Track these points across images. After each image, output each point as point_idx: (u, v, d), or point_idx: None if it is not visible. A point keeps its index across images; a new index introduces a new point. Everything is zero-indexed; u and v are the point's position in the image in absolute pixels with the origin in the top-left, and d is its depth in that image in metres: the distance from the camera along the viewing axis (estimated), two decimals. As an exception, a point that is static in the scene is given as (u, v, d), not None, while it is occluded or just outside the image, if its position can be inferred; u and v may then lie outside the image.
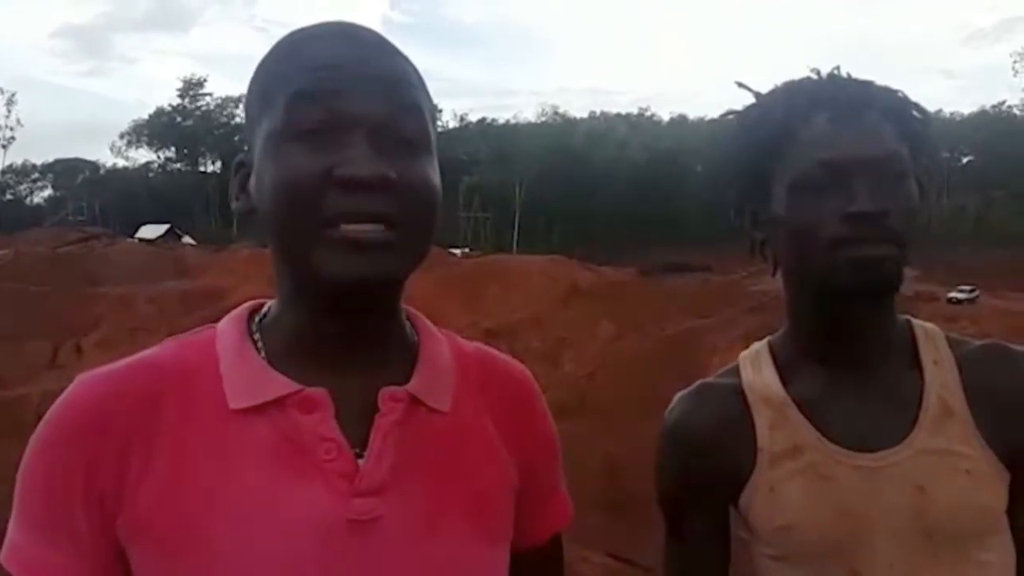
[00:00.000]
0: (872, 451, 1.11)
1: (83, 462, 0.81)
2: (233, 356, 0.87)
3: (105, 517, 0.81)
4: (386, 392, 0.87)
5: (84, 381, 0.85)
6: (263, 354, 0.88)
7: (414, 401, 0.88)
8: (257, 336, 0.90)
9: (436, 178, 0.86)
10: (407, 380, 0.89)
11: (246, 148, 0.90)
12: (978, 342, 1.18)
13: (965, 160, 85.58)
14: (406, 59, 0.89)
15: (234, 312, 0.93)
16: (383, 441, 0.85)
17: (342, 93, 0.81)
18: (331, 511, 0.81)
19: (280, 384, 0.84)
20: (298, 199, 0.80)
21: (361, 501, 0.82)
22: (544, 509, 1.02)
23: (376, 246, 0.80)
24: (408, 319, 0.97)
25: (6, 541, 0.84)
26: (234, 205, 0.89)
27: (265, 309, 0.93)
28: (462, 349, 0.99)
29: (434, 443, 0.89)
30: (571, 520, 1.05)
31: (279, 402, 0.84)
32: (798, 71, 1.18)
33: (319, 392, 0.84)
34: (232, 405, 0.84)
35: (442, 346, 0.96)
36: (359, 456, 0.84)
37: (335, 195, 0.79)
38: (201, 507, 0.80)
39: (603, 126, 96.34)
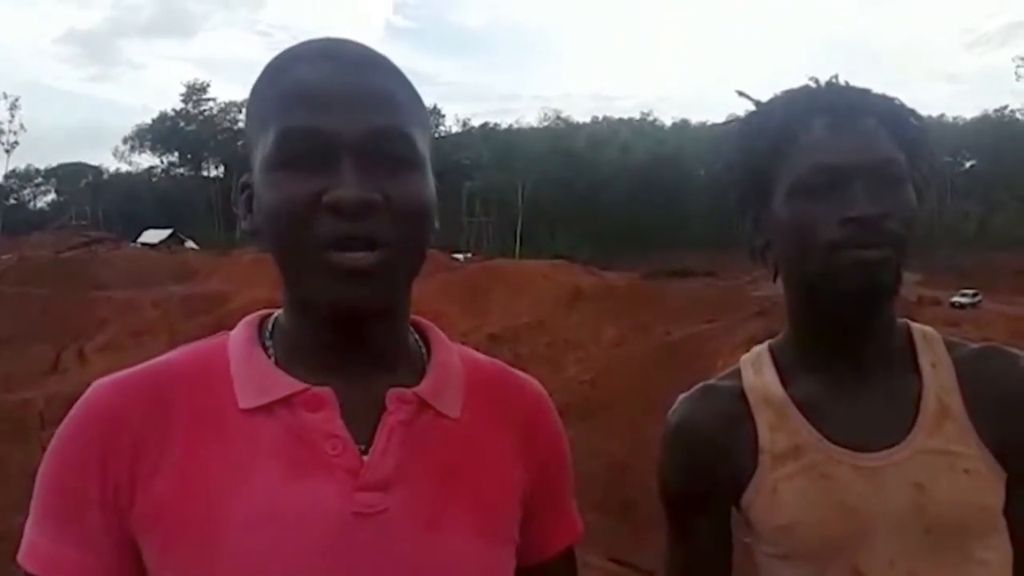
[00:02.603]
0: (872, 451, 1.12)
1: (97, 460, 0.84)
2: (243, 358, 0.91)
3: (119, 513, 0.84)
4: (394, 393, 0.90)
5: (100, 385, 0.89)
6: (272, 357, 0.91)
7: (422, 404, 0.91)
8: (269, 342, 0.93)
9: (427, 191, 0.88)
10: (414, 384, 0.92)
11: (250, 166, 0.92)
12: (975, 345, 1.20)
13: (968, 164, 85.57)
14: (393, 72, 0.90)
15: (246, 319, 0.97)
16: (388, 439, 0.88)
17: (327, 122, 0.83)
18: (336, 504, 0.84)
19: (287, 384, 0.88)
20: (291, 225, 0.83)
21: (365, 495, 0.85)
22: (553, 524, 1.04)
23: (366, 273, 0.82)
24: (419, 329, 0.99)
25: (23, 541, 0.86)
26: (243, 225, 0.92)
27: (275, 316, 0.96)
28: (477, 362, 1.02)
29: (441, 445, 0.91)
30: (580, 539, 1.06)
31: (286, 401, 0.87)
32: (800, 76, 1.20)
33: (325, 391, 0.87)
34: (242, 405, 0.87)
35: (453, 356, 0.99)
36: (365, 453, 0.87)
37: (326, 220, 0.82)
38: (211, 502, 0.83)
39: (606, 131, 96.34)
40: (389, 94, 0.87)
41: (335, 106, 0.83)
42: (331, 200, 0.81)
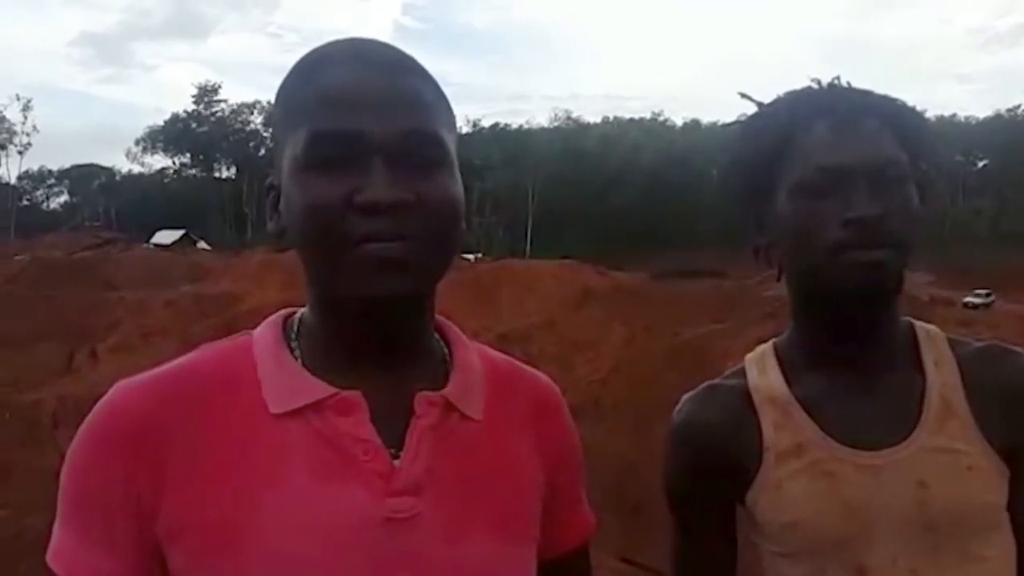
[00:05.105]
0: (875, 449, 1.13)
1: (122, 465, 0.84)
2: (270, 361, 0.90)
3: (144, 519, 0.83)
4: (422, 396, 0.89)
5: (124, 387, 0.88)
6: (299, 360, 0.91)
7: (448, 406, 0.91)
8: (295, 344, 0.92)
9: (456, 190, 0.88)
10: (439, 385, 0.92)
11: (272, 161, 0.93)
12: (978, 343, 1.21)
13: (980, 164, 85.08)
14: (421, 73, 0.90)
15: (269, 319, 0.96)
16: (419, 443, 0.88)
17: (358, 125, 0.83)
18: (368, 510, 0.84)
19: (317, 388, 0.87)
20: (322, 226, 0.83)
21: (397, 500, 0.85)
22: (567, 520, 1.04)
23: (398, 264, 0.83)
24: (439, 328, 0.99)
25: (52, 541, 0.86)
26: (269, 226, 0.93)
27: (299, 316, 0.96)
28: (493, 361, 1.02)
29: (467, 448, 0.91)
30: (594, 533, 1.07)
31: (316, 405, 0.87)
32: (808, 77, 1.20)
33: (355, 395, 0.87)
34: (272, 410, 0.86)
35: (473, 355, 0.99)
36: (395, 457, 0.87)
37: (356, 219, 0.82)
38: (242, 508, 0.82)
39: (616, 131, 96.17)
40: (418, 96, 0.87)
41: (366, 109, 0.84)
42: (364, 201, 0.81)
